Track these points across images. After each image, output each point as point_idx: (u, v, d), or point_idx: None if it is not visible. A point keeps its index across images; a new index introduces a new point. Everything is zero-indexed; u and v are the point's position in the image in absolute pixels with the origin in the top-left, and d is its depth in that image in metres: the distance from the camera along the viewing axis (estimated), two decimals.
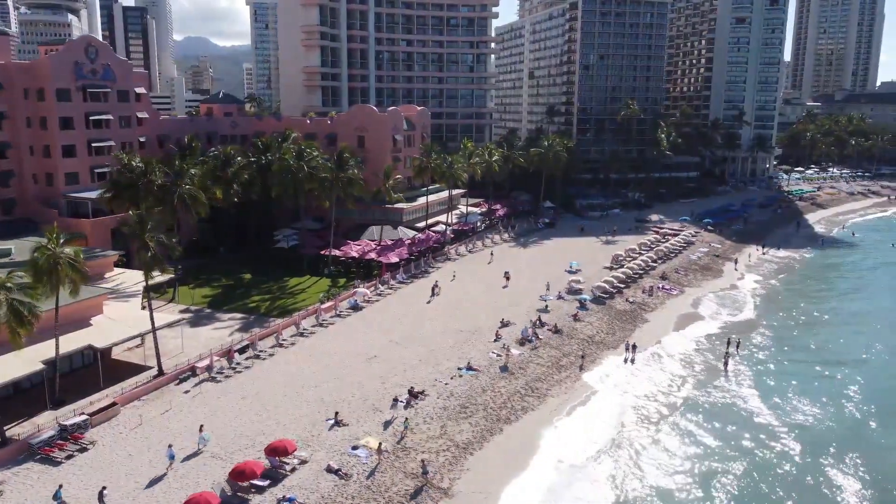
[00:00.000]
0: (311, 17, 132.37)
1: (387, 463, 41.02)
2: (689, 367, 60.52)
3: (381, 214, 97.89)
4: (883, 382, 58.44)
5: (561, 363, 58.66)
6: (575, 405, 52.12)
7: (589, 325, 67.63)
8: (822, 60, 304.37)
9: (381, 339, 61.12)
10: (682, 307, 76.80)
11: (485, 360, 57.09)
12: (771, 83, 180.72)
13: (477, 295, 75.62)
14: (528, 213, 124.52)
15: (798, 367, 61.22)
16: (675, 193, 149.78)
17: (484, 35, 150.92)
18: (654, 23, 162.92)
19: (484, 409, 49.20)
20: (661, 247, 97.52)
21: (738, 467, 44.45)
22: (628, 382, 56.36)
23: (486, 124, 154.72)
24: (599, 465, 44.08)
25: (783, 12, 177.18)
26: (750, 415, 52.00)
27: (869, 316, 76.89)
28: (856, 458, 45.40)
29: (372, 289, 75.48)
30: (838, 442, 47.60)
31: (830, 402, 53.93)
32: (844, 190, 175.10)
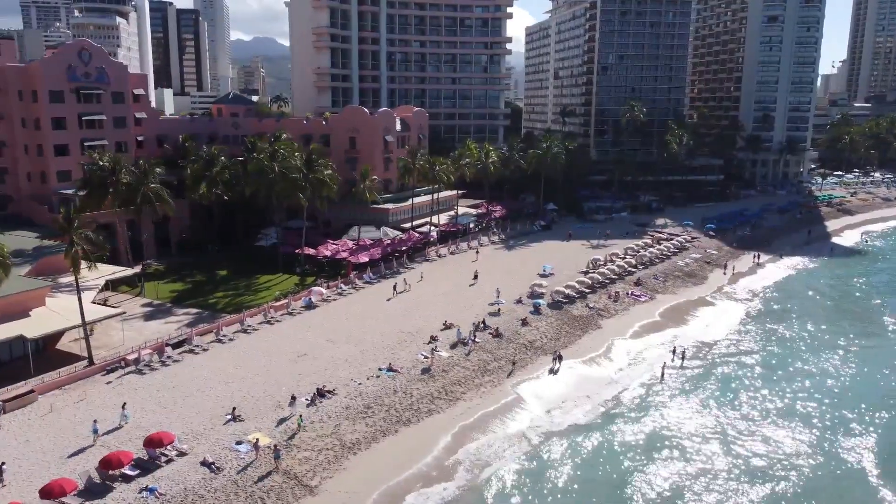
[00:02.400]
0: (322, 19, 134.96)
1: (263, 459, 42.03)
2: (622, 376, 59.45)
3: (368, 214, 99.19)
4: (826, 412, 55.98)
5: (488, 367, 58.51)
6: (487, 410, 51.96)
7: (535, 329, 67.08)
8: (881, 59, 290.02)
9: (319, 339, 62.25)
10: (645, 315, 75.15)
11: (411, 361, 57.49)
12: (806, 84, 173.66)
13: (438, 296, 76.00)
14: (531, 215, 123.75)
15: (740, 384, 58.95)
16: (694, 197, 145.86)
17: (498, 36, 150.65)
18: (677, 22, 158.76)
19: (387, 410, 49.67)
20: (646, 252, 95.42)
21: (638, 479, 43.61)
22: (549, 389, 55.75)
23: (500, 125, 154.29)
24: (481, 474, 43.89)
25: (819, 10, 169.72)
26: (664, 426, 50.82)
27: (839, 343, 70.18)
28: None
29: (333, 288, 76.73)
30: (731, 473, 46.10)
31: (753, 422, 52.01)
32: (881, 196, 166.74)
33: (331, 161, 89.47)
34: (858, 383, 59.31)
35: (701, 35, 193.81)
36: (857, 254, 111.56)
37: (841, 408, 53.62)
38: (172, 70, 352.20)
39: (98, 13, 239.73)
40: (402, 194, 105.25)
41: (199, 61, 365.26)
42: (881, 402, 55.17)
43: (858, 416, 52.77)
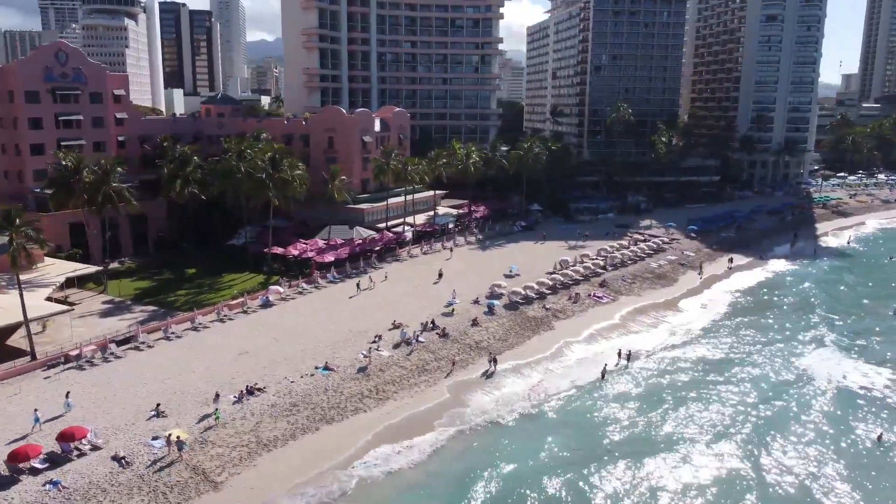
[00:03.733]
0: (311, 20, 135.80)
1: (175, 454, 42.69)
2: (560, 377, 59.27)
3: (344, 214, 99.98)
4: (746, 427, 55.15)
5: (427, 367, 58.74)
6: (416, 411, 52.16)
7: (485, 330, 67.16)
8: (895, 59, 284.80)
9: (267, 337, 62.91)
10: (603, 317, 74.77)
11: (349, 360, 57.93)
12: (806, 83, 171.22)
13: (398, 296, 76.36)
14: (515, 215, 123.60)
15: (678, 392, 57.76)
16: (687, 198, 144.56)
17: (489, 36, 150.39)
18: (671, 22, 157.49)
19: (312, 409, 50.16)
20: (618, 253, 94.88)
21: (540, 487, 43.62)
22: (482, 390, 55.80)
23: (491, 125, 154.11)
24: (393, 477, 44.05)
25: (820, 9, 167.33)
26: (593, 428, 50.73)
27: (793, 351, 67.54)
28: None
29: (294, 287, 77.46)
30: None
31: (679, 433, 51.49)
32: (881, 198, 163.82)
33: (299, 161, 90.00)
34: (795, 394, 58.30)
35: (702, 34, 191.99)
36: (841, 256, 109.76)
37: (771, 422, 52.45)
38: (185, 70, 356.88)
39: (107, 14, 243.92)
40: (380, 194, 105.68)
41: (211, 62, 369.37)
42: (817, 417, 54.22)
43: (783, 429, 51.92)
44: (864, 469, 46.36)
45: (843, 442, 49.65)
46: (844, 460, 47.18)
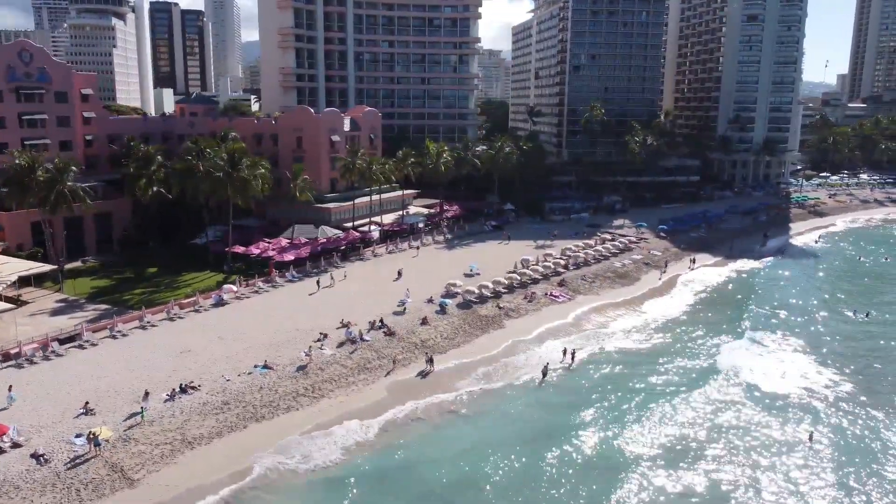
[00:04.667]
0: (286, 20, 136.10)
1: (94, 452, 42.86)
2: (502, 375, 59.40)
3: (311, 213, 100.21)
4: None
5: (368, 366, 58.90)
6: (350, 409, 52.23)
7: (433, 329, 67.27)
8: (884, 59, 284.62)
9: (212, 336, 63.07)
10: (557, 316, 74.87)
11: (290, 359, 58.08)
12: (787, 83, 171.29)
13: (353, 295, 76.48)
14: (489, 215, 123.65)
15: (619, 395, 57.81)
16: (665, 198, 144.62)
17: (467, 36, 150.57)
18: (650, 21, 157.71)
19: (244, 407, 50.32)
20: (581, 252, 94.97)
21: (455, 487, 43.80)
22: (419, 390, 55.90)
23: (469, 125, 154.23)
24: (311, 475, 44.18)
25: (800, 9, 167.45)
26: (524, 424, 50.91)
27: (742, 353, 66.85)
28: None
29: (250, 286, 77.66)
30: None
31: (615, 434, 51.68)
32: (860, 198, 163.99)
33: (263, 160, 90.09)
34: (730, 393, 58.32)
35: (685, 34, 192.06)
36: (808, 256, 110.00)
37: (706, 422, 52.47)
38: (177, 70, 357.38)
39: (94, 14, 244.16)
40: (348, 194, 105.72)
41: (203, 61, 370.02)
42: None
43: (716, 430, 52.07)
44: (798, 470, 46.30)
45: (774, 445, 49.58)
46: (777, 461, 47.19)
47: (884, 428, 52.12)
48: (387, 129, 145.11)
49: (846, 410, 54.80)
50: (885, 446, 49.44)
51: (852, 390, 58.77)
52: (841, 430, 51.79)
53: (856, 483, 44.70)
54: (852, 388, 59.25)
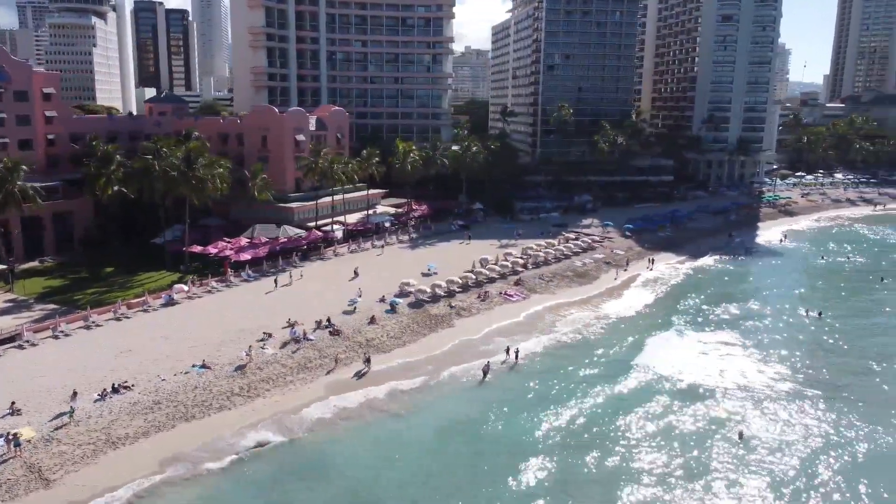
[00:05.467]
0: (257, 19, 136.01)
1: (12, 453, 42.73)
2: (443, 374, 59.47)
3: (274, 213, 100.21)
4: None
5: (308, 365, 58.93)
6: (284, 408, 52.13)
7: (381, 328, 67.37)
8: (864, 59, 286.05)
9: (157, 335, 62.96)
10: (509, 315, 74.94)
11: (230, 358, 58.04)
12: (761, 83, 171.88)
13: (308, 294, 76.47)
14: (459, 214, 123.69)
15: (556, 390, 58.09)
16: (638, 198, 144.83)
17: (440, 35, 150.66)
18: (624, 21, 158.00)
19: (175, 406, 50.24)
20: (541, 252, 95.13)
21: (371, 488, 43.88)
22: (355, 390, 55.91)
23: (443, 124, 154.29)
24: (230, 473, 44.19)
25: (774, 9, 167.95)
26: (459, 421, 51.10)
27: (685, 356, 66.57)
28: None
29: (204, 286, 77.56)
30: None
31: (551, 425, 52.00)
32: (832, 197, 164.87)
33: (222, 159, 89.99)
34: (666, 391, 58.69)
35: (661, 34, 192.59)
36: (771, 255, 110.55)
37: (639, 421, 52.80)
38: (161, 70, 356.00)
39: (74, 13, 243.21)
40: (314, 193, 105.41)
41: (188, 61, 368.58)
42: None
43: (648, 429, 52.30)
44: (724, 468, 46.49)
45: (703, 443, 49.74)
46: (708, 460, 47.36)
47: (819, 427, 52.23)
48: (360, 128, 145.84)
49: (783, 409, 54.94)
50: (819, 445, 49.44)
51: (791, 389, 59.01)
52: (774, 428, 51.96)
53: (783, 485, 44.55)
54: (791, 386, 59.51)
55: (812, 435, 51.06)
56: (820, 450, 48.93)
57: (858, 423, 52.46)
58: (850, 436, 50.79)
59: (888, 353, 67.92)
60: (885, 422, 52.77)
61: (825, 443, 49.89)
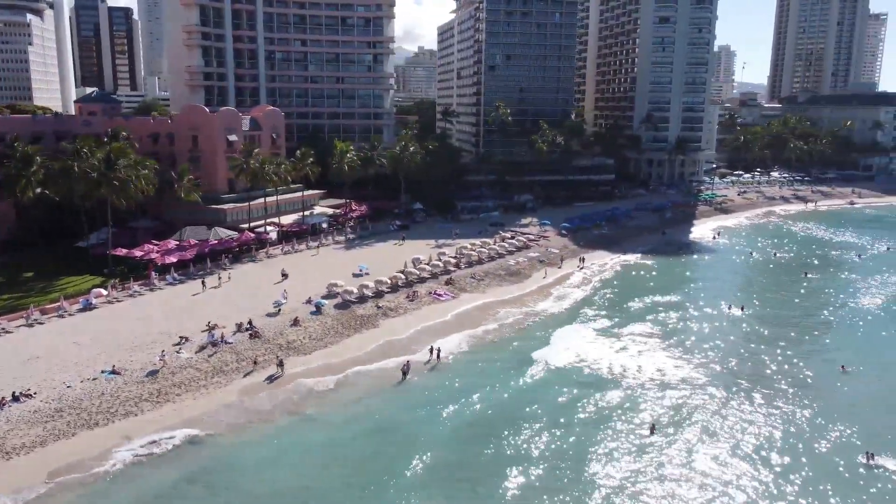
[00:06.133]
0: (191, 17, 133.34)
1: None
2: (361, 375, 59.22)
3: (206, 215, 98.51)
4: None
5: (225, 369, 58.01)
6: (191, 414, 51.10)
7: (303, 330, 66.76)
8: (802, 60, 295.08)
9: (67, 341, 61.27)
10: (436, 315, 74.84)
11: (143, 363, 56.79)
12: (699, 84, 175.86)
13: (234, 297, 75.36)
14: (399, 215, 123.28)
15: (474, 389, 58.00)
16: (578, 197, 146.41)
17: (381, 35, 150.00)
18: (564, 22, 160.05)
19: (78, 414, 48.94)
20: (474, 251, 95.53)
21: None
22: (269, 393, 55.27)
23: (385, 125, 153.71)
24: (128, 478, 43.24)
25: (710, 12, 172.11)
26: (370, 422, 50.92)
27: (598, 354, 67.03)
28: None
29: (126, 289, 75.80)
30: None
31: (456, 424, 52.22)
32: (767, 195, 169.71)
33: (147, 160, 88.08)
34: (579, 387, 59.62)
35: (603, 36, 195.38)
36: (702, 251, 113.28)
37: (548, 417, 53.71)
38: (105, 69, 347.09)
39: (7, 10, 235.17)
40: (248, 194, 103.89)
41: (132, 60, 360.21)
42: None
43: (558, 426, 53.04)
44: (634, 462, 47.17)
45: (614, 437, 50.49)
46: (615, 451, 48.07)
47: (732, 419, 53.36)
48: (301, 128, 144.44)
49: (696, 402, 56.05)
50: (732, 437, 50.40)
51: (706, 382, 60.17)
52: (687, 421, 52.96)
53: (689, 478, 45.30)
54: (706, 380, 60.63)
55: (725, 427, 52.18)
56: (732, 442, 49.99)
57: (773, 416, 53.86)
58: (764, 428, 52.02)
59: (806, 347, 70.13)
60: (800, 414, 54.23)
61: (738, 435, 50.96)
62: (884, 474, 45.75)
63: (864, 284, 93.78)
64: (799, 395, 57.74)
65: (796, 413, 54.50)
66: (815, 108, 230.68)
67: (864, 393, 59.10)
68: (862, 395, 58.48)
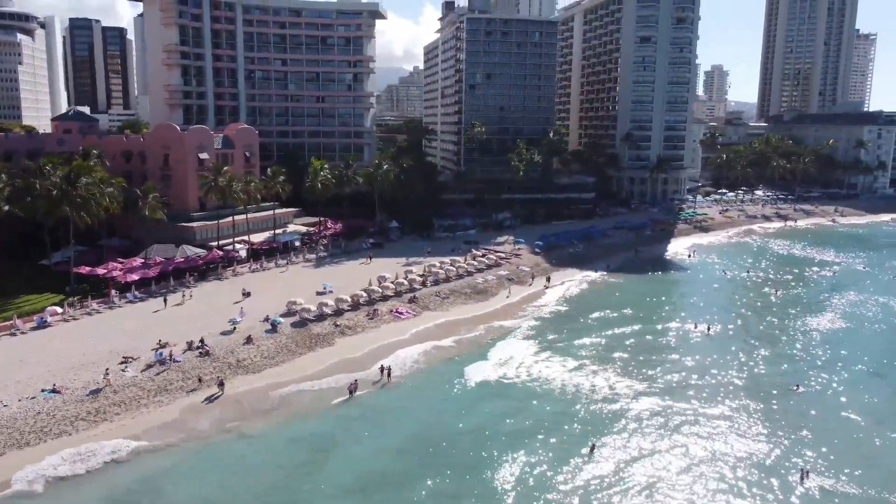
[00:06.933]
0: (171, 37, 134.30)
1: None
2: (307, 393, 58.81)
3: (176, 233, 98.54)
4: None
5: (169, 388, 57.56)
6: (131, 432, 50.71)
7: (256, 348, 66.36)
8: (790, 79, 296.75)
9: (13, 359, 60.80)
10: (395, 334, 74.52)
11: (85, 382, 56.35)
12: (680, 103, 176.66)
13: (193, 315, 75.00)
14: (375, 233, 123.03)
15: (421, 404, 58.36)
16: (558, 215, 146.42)
17: (361, 55, 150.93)
18: (543, 42, 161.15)
19: (9, 433, 48.48)
20: (442, 269, 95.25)
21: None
22: (209, 411, 54.79)
23: (365, 143, 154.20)
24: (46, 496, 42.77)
25: (690, 31, 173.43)
26: (305, 440, 50.45)
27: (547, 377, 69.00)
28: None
29: (84, 307, 75.50)
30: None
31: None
32: (749, 213, 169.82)
33: (113, 178, 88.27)
34: (525, 407, 59.10)
35: (587, 55, 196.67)
36: (676, 269, 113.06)
37: (492, 437, 53.31)
38: (98, 88, 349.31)
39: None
40: (219, 212, 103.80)
41: (125, 79, 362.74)
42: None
43: (503, 445, 52.62)
44: (576, 480, 46.75)
45: (555, 454, 50.00)
46: (553, 470, 47.60)
47: (672, 439, 52.98)
48: (281, 147, 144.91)
49: (644, 422, 55.53)
50: (678, 461, 49.88)
51: (658, 404, 59.27)
52: (629, 442, 52.40)
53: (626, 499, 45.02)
54: (657, 401, 59.85)
55: (666, 446, 51.71)
56: (670, 460, 49.56)
57: (718, 434, 53.49)
58: (707, 445, 51.70)
59: (764, 366, 69.51)
60: (746, 433, 53.91)
61: (678, 454, 50.53)
62: (813, 494, 45.36)
63: (830, 304, 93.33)
64: (748, 414, 57.39)
65: (742, 432, 54.10)
66: (800, 126, 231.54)
67: (813, 413, 58.58)
68: (810, 416, 57.97)
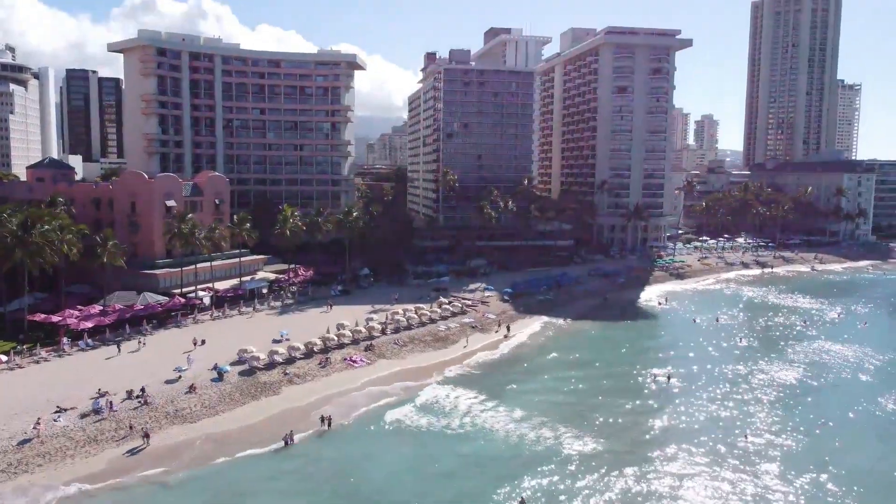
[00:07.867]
0: (149, 87, 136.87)
1: None
2: (238, 443, 57.60)
3: (140, 280, 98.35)
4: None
5: (100, 438, 56.52)
6: (50, 483, 49.55)
7: (197, 397, 65.36)
8: (774, 129, 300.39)
9: None
10: (346, 381, 73.68)
11: (13, 432, 55.33)
12: (658, 151, 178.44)
13: (141, 363, 74.15)
14: (346, 280, 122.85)
15: (358, 456, 57.31)
16: (535, 262, 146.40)
17: (339, 104, 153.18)
18: (520, 92, 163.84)
19: None
20: (404, 316, 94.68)
21: None
22: (137, 462, 53.64)
23: (343, 191, 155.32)
24: None
25: (666, 81, 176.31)
26: (226, 493, 49.10)
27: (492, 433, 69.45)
28: None
29: (32, 356, 74.78)
30: None
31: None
32: (728, 260, 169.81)
33: (73, 225, 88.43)
34: (478, 458, 57.99)
35: (566, 105, 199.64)
36: (645, 317, 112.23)
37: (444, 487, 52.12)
38: (93, 136, 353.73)
39: None
40: (185, 259, 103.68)
41: (119, 128, 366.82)
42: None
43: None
44: None
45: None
46: None
47: (612, 493, 51.75)
48: (259, 194, 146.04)
49: (587, 478, 54.24)
50: None
51: (606, 458, 57.70)
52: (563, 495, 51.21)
53: None
54: (606, 456, 58.29)
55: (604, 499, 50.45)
56: None
57: (654, 493, 52.07)
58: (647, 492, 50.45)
59: (718, 417, 68.15)
60: (685, 486, 52.55)
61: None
62: None
63: (794, 353, 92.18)
64: (691, 467, 56.00)
65: (677, 485, 52.67)
66: (782, 174, 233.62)
67: (763, 464, 57.15)
68: (760, 468, 56.53)
